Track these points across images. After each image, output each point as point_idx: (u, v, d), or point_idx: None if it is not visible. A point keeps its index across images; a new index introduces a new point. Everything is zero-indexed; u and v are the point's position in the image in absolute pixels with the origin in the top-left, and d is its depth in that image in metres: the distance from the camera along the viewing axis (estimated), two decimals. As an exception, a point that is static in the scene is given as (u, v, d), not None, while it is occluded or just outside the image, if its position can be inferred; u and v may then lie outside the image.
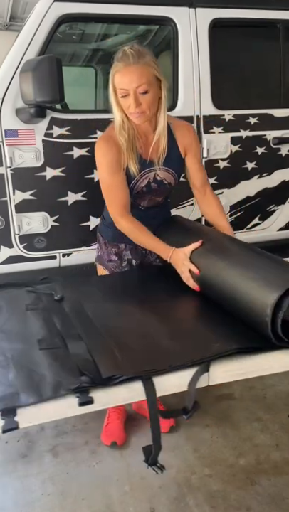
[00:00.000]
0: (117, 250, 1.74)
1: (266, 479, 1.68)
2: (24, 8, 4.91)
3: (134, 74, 1.41)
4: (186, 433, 1.90)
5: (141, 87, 1.42)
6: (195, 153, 1.67)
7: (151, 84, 1.44)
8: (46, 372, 1.00)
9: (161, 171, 1.61)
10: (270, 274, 1.15)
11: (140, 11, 2.26)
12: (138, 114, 1.46)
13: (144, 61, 1.43)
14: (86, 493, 1.64)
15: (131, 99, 1.43)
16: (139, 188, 1.61)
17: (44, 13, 2.08)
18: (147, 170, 1.59)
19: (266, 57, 2.61)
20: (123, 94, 1.45)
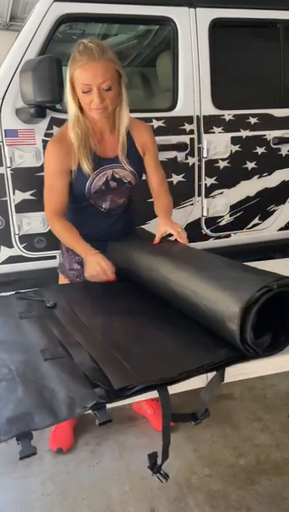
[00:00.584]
0: (79, 259, 1.66)
1: (266, 479, 1.68)
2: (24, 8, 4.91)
3: (99, 69, 1.36)
4: (186, 433, 1.90)
5: (105, 82, 1.38)
6: (152, 153, 1.65)
7: (115, 80, 1.41)
8: (56, 387, 0.94)
9: (120, 168, 1.58)
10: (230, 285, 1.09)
11: (140, 11, 2.26)
12: (101, 110, 1.43)
13: (108, 56, 1.39)
14: (86, 493, 1.64)
15: (94, 94, 1.39)
16: (96, 186, 1.57)
17: (44, 13, 2.08)
18: (104, 167, 1.56)
19: (266, 57, 2.61)
20: (85, 89, 1.39)
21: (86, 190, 1.56)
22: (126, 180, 1.61)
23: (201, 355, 1.04)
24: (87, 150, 1.51)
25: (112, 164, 1.57)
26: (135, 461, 1.77)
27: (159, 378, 0.95)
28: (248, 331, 0.99)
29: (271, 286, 1.01)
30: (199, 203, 2.51)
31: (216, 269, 1.21)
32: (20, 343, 1.15)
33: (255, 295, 0.99)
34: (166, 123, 2.35)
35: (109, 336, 1.16)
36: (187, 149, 2.41)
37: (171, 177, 2.42)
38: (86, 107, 1.44)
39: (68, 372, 0.99)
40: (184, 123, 2.38)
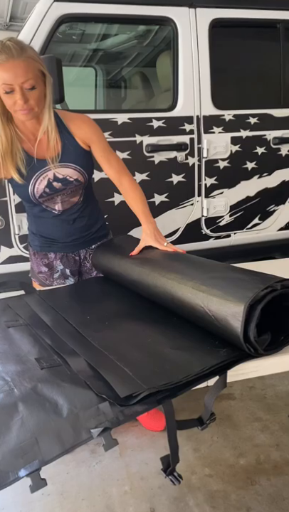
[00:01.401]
0: (46, 261, 1.66)
1: (266, 479, 1.68)
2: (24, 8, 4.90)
3: (20, 68, 1.28)
4: (186, 433, 1.90)
5: (27, 82, 1.30)
6: (97, 143, 1.54)
7: (38, 79, 1.33)
8: (59, 398, 0.89)
9: (61, 167, 1.50)
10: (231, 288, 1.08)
11: (140, 11, 2.26)
12: (26, 111, 1.35)
13: (28, 54, 1.30)
14: (86, 493, 1.64)
15: (17, 95, 1.31)
16: (39, 190, 1.50)
17: (44, 13, 2.08)
18: (43, 170, 1.49)
19: (266, 57, 2.61)
20: (7, 89, 1.30)
21: (30, 195, 1.51)
22: (72, 179, 1.53)
23: (202, 357, 1.03)
24: (16, 157, 1.44)
25: (50, 165, 1.49)
26: (135, 461, 1.77)
27: (164, 384, 0.92)
28: (252, 329, 0.99)
29: (275, 287, 1.02)
30: (199, 203, 2.51)
31: (218, 271, 1.20)
32: (12, 353, 1.08)
33: (260, 293, 0.99)
34: (166, 123, 2.35)
35: (104, 341, 1.12)
36: (187, 149, 2.41)
37: (171, 177, 2.42)
38: (11, 108, 1.36)
39: (69, 381, 0.95)
40: (184, 123, 2.39)
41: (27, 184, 1.49)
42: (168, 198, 2.43)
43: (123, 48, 3.11)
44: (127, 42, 3.04)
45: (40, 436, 0.80)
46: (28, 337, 1.16)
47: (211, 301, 1.08)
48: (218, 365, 1.00)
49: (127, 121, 2.29)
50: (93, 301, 1.41)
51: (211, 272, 1.19)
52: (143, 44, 2.98)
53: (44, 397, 0.89)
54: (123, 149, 2.28)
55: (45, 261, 1.67)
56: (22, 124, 1.45)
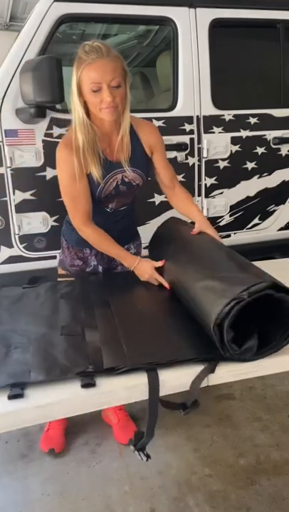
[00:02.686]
0: (82, 255, 1.69)
1: (266, 479, 1.68)
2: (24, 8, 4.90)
3: (108, 66, 1.35)
4: (186, 433, 1.90)
5: (115, 80, 1.36)
6: (161, 151, 1.63)
7: (122, 78, 1.40)
8: (59, 355, 1.07)
9: (129, 172, 1.55)
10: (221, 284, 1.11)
11: (140, 11, 2.26)
12: (112, 109, 1.40)
13: (115, 54, 1.38)
14: (86, 493, 1.64)
15: (105, 92, 1.36)
16: (108, 191, 1.55)
17: (44, 13, 2.08)
18: (114, 172, 1.54)
19: (266, 57, 2.61)
20: (94, 88, 1.36)
21: (96, 195, 1.54)
22: (135, 183, 1.59)
23: (195, 349, 1.08)
24: (96, 156, 1.48)
25: (122, 168, 1.54)
26: (135, 461, 1.77)
27: (147, 363, 1.03)
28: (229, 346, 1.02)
29: (241, 298, 1.01)
30: (199, 203, 2.51)
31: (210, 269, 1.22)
32: (48, 318, 1.29)
33: (224, 310, 1.01)
34: (166, 123, 2.35)
35: (125, 322, 1.24)
36: (187, 149, 2.41)
37: (171, 177, 2.42)
38: (95, 107, 1.41)
39: (74, 348, 1.11)
40: (184, 123, 2.39)
41: (98, 185, 1.52)
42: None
43: (123, 47, 3.11)
44: (127, 42, 3.04)
45: (33, 369, 1.02)
46: (70, 308, 1.36)
47: (196, 308, 1.17)
48: (205, 357, 1.06)
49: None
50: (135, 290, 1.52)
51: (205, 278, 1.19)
52: (143, 44, 2.99)
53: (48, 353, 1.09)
54: (123, 149, 2.27)
55: (80, 255, 1.69)
56: (101, 125, 1.48)
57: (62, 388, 0.97)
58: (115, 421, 1.91)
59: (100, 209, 1.61)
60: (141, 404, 2.07)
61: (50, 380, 0.99)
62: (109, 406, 1.07)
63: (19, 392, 0.94)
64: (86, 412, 0.99)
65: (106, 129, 1.50)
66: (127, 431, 1.87)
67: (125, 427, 1.89)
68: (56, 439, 1.85)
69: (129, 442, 1.85)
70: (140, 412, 2.03)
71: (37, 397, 0.95)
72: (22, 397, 0.94)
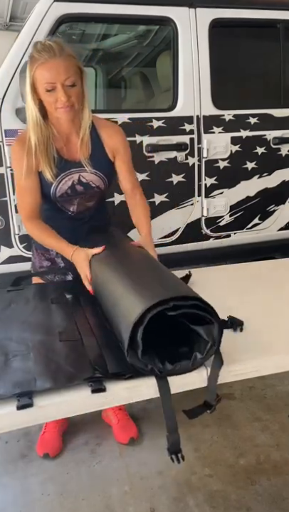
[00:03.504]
0: (48, 256, 1.67)
1: (266, 479, 1.68)
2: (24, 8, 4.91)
3: (62, 65, 1.32)
4: (186, 433, 1.90)
5: (69, 79, 1.34)
6: (123, 156, 1.57)
7: (77, 77, 1.37)
8: (62, 362, 1.06)
9: (87, 172, 1.52)
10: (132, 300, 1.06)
11: (140, 11, 2.27)
12: (68, 109, 1.38)
13: (68, 52, 1.35)
14: (86, 493, 1.64)
15: (59, 92, 1.34)
16: (62, 190, 1.52)
17: (44, 13, 2.08)
18: (70, 171, 1.50)
19: (266, 57, 2.61)
20: (49, 88, 1.34)
21: (51, 194, 1.52)
22: (94, 185, 1.55)
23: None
24: (49, 155, 1.46)
25: (78, 168, 1.51)
26: (135, 461, 1.77)
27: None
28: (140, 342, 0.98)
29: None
30: (199, 203, 2.51)
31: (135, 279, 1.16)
32: (44, 325, 1.26)
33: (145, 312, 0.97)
34: (166, 123, 2.35)
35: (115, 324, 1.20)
36: (187, 149, 2.41)
37: (171, 177, 2.42)
38: (51, 107, 1.39)
39: (76, 353, 1.10)
40: (184, 123, 2.39)
41: (51, 183, 1.51)
42: (168, 198, 2.43)
43: (123, 47, 3.11)
44: (127, 42, 3.04)
45: (39, 377, 0.99)
46: (64, 313, 1.33)
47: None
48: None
49: (127, 121, 2.29)
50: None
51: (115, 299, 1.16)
52: (143, 44, 2.99)
53: (51, 360, 1.07)
54: (123, 149, 2.28)
55: (47, 256, 1.68)
56: (58, 124, 1.47)
57: (62, 388, 0.97)
58: (115, 421, 1.90)
59: (61, 212, 1.59)
60: (141, 404, 2.08)
61: (58, 387, 0.96)
62: (109, 406, 1.06)
63: (28, 402, 0.92)
64: (86, 412, 0.99)
65: (63, 128, 1.48)
66: (127, 431, 1.87)
67: (125, 427, 1.89)
68: (52, 442, 1.83)
69: (129, 442, 1.85)
70: (140, 412, 2.03)
71: (38, 398, 0.95)
72: (32, 407, 0.92)
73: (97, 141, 1.52)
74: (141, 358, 0.98)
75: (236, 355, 1.10)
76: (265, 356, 1.12)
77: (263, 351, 1.14)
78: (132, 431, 1.88)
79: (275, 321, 1.30)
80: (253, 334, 1.22)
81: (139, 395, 1.00)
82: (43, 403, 0.93)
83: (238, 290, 1.56)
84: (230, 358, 1.09)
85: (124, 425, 1.89)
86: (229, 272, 1.79)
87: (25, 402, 0.92)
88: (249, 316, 1.33)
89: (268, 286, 1.59)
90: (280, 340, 1.19)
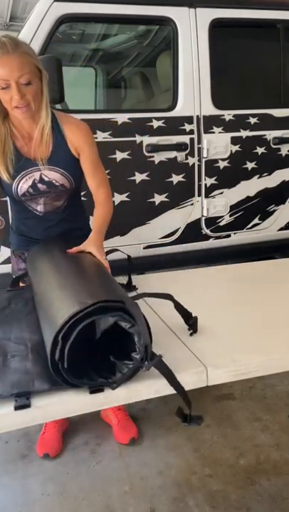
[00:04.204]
0: (24, 258, 1.65)
1: (266, 479, 1.68)
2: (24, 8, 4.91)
3: (15, 62, 1.29)
4: (186, 433, 1.90)
5: (23, 76, 1.30)
6: (86, 153, 1.52)
7: (34, 75, 1.34)
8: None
9: (48, 170, 1.48)
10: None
11: (140, 11, 2.27)
12: (24, 108, 1.35)
13: (23, 50, 1.32)
14: (86, 493, 1.64)
15: (13, 90, 1.31)
16: (23, 189, 1.49)
17: (44, 13, 2.08)
18: (30, 169, 1.47)
19: (266, 57, 2.61)
20: (3, 85, 1.31)
21: (13, 192, 1.50)
22: (57, 183, 1.51)
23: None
24: (6, 154, 1.44)
25: (39, 166, 1.48)
26: (135, 461, 1.77)
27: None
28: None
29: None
30: (199, 203, 2.51)
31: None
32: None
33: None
34: (166, 123, 2.35)
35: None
36: (187, 149, 2.41)
37: (171, 177, 2.42)
38: (7, 105, 1.36)
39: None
40: (184, 123, 2.39)
41: (11, 183, 1.49)
42: (168, 198, 2.43)
43: (123, 47, 3.11)
44: (127, 42, 3.04)
45: (37, 377, 0.98)
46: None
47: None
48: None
49: (127, 121, 2.29)
50: None
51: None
52: (143, 44, 2.98)
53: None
54: (123, 149, 2.28)
55: (24, 258, 1.66)
56: (18, 123, 1.45)
57: (62, 388, 0.97)
58: (115, 421, 1.90)
59: (30, 212, 1.57)
60: (141, 404, 2.08)
61: (57, 388, 0.96)
62: (108, 406, 1.06)
63: (25, 402, 0.93)
64: (86, 412, 0.99)
65: (24, 126, 1.46)
66: (127, 431, 1.87)
67: (125, 427, 1.89)
68: (51, 442, 1.83)
69: (130, 442, 1.85)
70: (140, 412, 2.03)
71: (37, 398, 0.95)
72: (29, 407, 0.92)
73: (60, 138, 1.49)
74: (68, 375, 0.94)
75: (236, 355, 1.10)
76: (265, 356, 1.12)
77: (262, 351, 1.14)
78: (132, 431, 1.88)
79: (275, 321, 1.30)
80: (253, 334, 1.22)
81: (139, 395, 1.00)
82: (41, 403, 0.93)
83: (238, 290, 1.56)
84: (230, 358, 1.09)
85: (124, 425, 1.89)
86: (229, 271, 1.79)
87: (22, 403, 0.92)
88: (249, 316, 1.34)
89: (267, 286, 1.59)
90: (280, 341, 1.19)
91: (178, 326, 1.23)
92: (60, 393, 0.96)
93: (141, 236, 2.40)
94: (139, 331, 0.96)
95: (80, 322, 0.93)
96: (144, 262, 2.43)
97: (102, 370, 0.98)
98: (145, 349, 0.95)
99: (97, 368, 0.98)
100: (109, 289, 1.09)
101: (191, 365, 1.05)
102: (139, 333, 0.96)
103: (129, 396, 1.00)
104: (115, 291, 1.08)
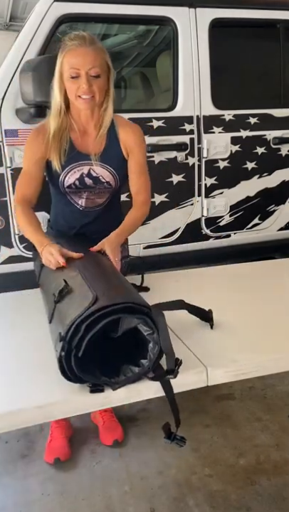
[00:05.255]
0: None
1: (266, 479, 1.68)
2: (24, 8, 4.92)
3: (89, 55, 1.36)
4: (186, 433, 1.89)
5: (94, 69, 1.37)
6: (136, 157, 1.55)
7: (103, 70, 1.40)
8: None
9: (98, 166, 1.52)
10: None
11: (140, 11, 2.27)
12: (88, 98, 1.40)
13: (99, 45, 1.40)
14: (86, 493, 1.64)
15: (82, 79, 1.37)
16: (69, 181, 1.52)
17: (44, 13, 2.09)
18: (80, 162, 1.51)
19: (266, 57, 2.61)
20: (73, 74, 1.37)
21: (59, 183, 1.53)
22: (104, 180, 1.54)
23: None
24: (61, 145, 1.48)
25: (89, 161, 1.51)
26: (135, 461, 1.77)
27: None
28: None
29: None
30: (199, 203, 2.51)
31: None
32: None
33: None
34: (166, 123, 2.35)
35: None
36: (187, 149, 2.41)
37: (171, 177, 2.42)
38: (73, 94, 1.41)
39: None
40: (184, 123, 2.39)
41: (59, 173, 1.51)
42: (168, 198, 2.43)
43: (123, 47, 3.11)
44: (127, 42, 3.04)
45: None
46: None
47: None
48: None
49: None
50: None
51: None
52: (143, 44, 2.98)
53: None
54: (123, 149, 2.27)
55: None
56: (77, 115, 1.49)
57: (62, 388, 0.97)
58: (101, 422, 1.89)
59: (70, 205, 1.59)
60: (141, 404, 2.08)
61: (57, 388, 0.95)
62: (109, 406, 1.07)
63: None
64: (86, 412, 0.99)
65: (82, 121, 1.51)
66: (112, 432, 1.85)
67: (110, 429, 1.87)
68: (60, 448, 1.78)
69: (113, 443, 1.84)
70: (140, 412, 2.03)
71: (37, 397, 0.95)
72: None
73: (113, 138, 1.53)
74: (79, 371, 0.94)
75: (236, 355, 1.10)
76: (265, 356, 1.12)
77: (262, 351, 1.14)
78: (116, 433, 1.86)
79: (275, 321, 1.30)
80: (252, 334, 1.22)
81: (139, 395, 1.00)
82: (42, 403, 0.93)
83: (238, 290, 1.56)
84: (230, 358, 1.09)
85: (109, 427, 1.87)
86: (229, 271, 1.78)
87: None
88: (249, 316, 1.34)
89: (267, 286, 1.59)
90: (280, 341, 1.19)
91: (178, 326, 1.23)
92: (60, 393, 0.96)
93: (141, 236, 2.40)
94: (157, 340, 0.97)
95: (105, 317, 0.94)
96: (144, 262, 2.43)
97: (107, 369, 0.98)
98: (156, 358, 0.97)
99: (102, 366, 0.98)
100: (135, 292, 1.11)
101: (191, 365, 1.05)
102: (156, 341, 0.97)
103: (129, 396, 1.00)
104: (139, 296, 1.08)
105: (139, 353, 0.99)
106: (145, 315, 0.97)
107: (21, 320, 1.38)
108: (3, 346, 1.22)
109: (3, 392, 0.99)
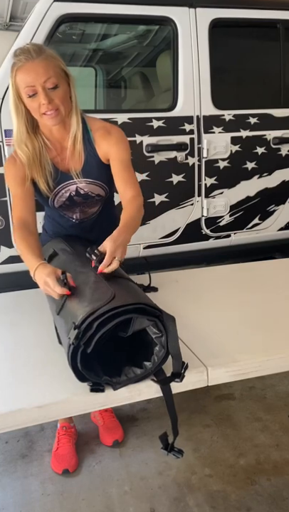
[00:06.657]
0: None
1: (266, 479, 1.68)
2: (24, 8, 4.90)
3: (40, 67, 1.25)
4: (186, 433, 1.90)
5: (49, 80, 1.26)
6: (115, 155, 1.43)
7: (60, 78, 1.29)
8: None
9: (84, 183, 1.45)
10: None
11: (140, 11, 2.27)
12: (53, 113, 1.30)
13: (47, 53, 1.28)
14: (86, 493, 1.64)
15: (41, 96, 1.26)
16: (60, 202, 1.48)
17: (44, 13, 2.08)
18: (66, 183, 1.44)
19: (266, 57, 2.61)
20: (30, 93, 1.27)
21: (49, 204, 1.49)
22: (93, 194, 1.50)
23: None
24: (44, 169, 1.40)
25: (74, 179, 1.44)
26: (135, 461, 1.77)
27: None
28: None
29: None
30: (199, 203, 2.51)
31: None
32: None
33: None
34: (166, 123, 2.35)
35: None
36: (187, 149, 2.41)
37: (171, 177, 2.42)
38: (36, 113, 1.31)
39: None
40: (184, 123, 2.39)
41: (47, 196, 1.46)
42: (168, 198, 2.43)
43: (123, 47, 3.11)
44: (127, 42, 3.04)
45: None
46: None
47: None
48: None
49: (127, 121, 2.29)
50: None
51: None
52: (143, 44, 2.99)
53: None
54: (123, 149, 2.27)
55: None
56: (49, 133, 1.41)
57: (62, 388, 0.97)
58: (101, 422, 1.89)
59: (65, 219, 1.57)
60: (141, 404, 2.08)
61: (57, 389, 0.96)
62: (110, 406, 1.06)
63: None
64: (86, 412, 0.99)
65: (55, 136, 1.41)
66: (112, 433, 1.85)
67: (110, 429, 1.87)
68: (68, 458, 1.74)
69: (113, 444, 1.83)
70: (140, 412, 2.03)
71: (37, 397, 0.95)
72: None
73: (90, 147, 1.44)
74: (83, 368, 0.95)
75: (236, 355, 1.10)
76: (265, 356, 1.12)
77: (262, 351, 1.14)
78: (117, 433, 1.85)
79: (275, 321, 1.30)
80: (252, 334, 1.22)
81: (139, 395, 1.01)
82: (42, 403, 0.93)
83: (238, 290, 1.56)
84: (230, 358, 1.09)
85: (109, 427, 1.87)
86: (229, 271, 1.79)
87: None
88: (249, 316, 1.34)
89: (268, 286, 1.59)
90: (279, 341, 1.19)
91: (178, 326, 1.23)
92: (60, 393, 0.96)
93: (141, 236, 2.40)
94: (164, 343, 0.98)
95: (118, 316, 0.95)
96: (144, 262, 2.43)
97: (108, 368, 0.99)
98: (160, 362, 0.98)
99: (104, 365, 0.99)
100: (145, 295, 1.12)
101: (191, 365, 1.05)
102: (162, 345, 0.98)
103: (129, 396, 1.00)
104: (150, 299, 1.08)
105: (143, 355, 1.00)
106: (156, 318, 0.98)
107: (21, 320, 1.39)
108: (3, 346, 1.22)
109: (3, 392, 0.99)
